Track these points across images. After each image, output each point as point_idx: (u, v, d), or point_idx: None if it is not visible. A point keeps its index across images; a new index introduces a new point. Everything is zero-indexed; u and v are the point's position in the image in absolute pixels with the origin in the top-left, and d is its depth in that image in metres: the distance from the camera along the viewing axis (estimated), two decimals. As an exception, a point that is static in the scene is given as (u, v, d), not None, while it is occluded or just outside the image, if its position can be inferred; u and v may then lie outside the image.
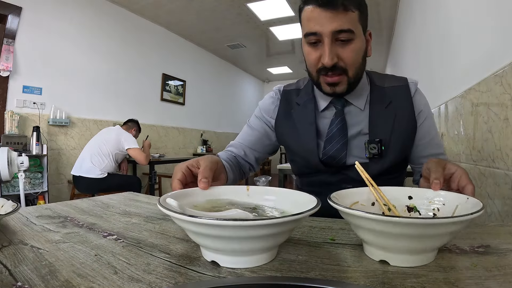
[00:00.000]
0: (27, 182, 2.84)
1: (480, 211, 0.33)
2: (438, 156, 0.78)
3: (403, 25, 3.64)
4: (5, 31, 2.86)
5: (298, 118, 0.82)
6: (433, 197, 0.46)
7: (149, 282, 0.32)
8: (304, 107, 0.81)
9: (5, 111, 2.87)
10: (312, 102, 0.81)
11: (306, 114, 0.80)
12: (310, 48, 0.69)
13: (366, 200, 0.47)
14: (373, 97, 0.78)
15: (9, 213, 0.47)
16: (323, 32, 0.65)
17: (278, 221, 0.32)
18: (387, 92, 0.78)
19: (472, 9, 1.34)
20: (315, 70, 0.70)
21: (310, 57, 0.70)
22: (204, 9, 4.16)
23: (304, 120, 0.80)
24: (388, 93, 0.78)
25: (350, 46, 0.66)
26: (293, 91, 0.86)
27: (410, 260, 0.35)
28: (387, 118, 0.76)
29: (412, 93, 0.79)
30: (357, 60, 0.69)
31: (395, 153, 0.75)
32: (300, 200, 0.43)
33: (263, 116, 0.88)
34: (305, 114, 0.81)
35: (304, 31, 0.68)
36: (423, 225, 0.32)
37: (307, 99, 0.82)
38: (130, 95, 4.19)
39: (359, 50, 0.69)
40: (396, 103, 0.77)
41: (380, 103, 0.77)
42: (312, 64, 0.70)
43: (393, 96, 0.78)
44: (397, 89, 0.79)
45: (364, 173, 0.48)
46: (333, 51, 0.66)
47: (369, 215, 0.32)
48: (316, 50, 0.68)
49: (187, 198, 0.47)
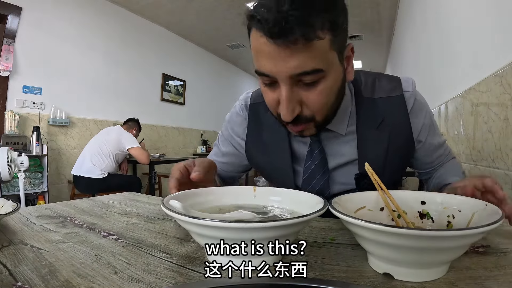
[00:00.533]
0: (27, 182, 2.84)
1: (499, 221, 0.29)
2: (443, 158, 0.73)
3: (403, 25, 3.64)
4: (5, 31, 2.86)
5: (269, 141, 0.69)
6: (448, 202, 0.42)
7: (149, 282, 0.32)
8: (276, 128, 0.66)
9: (5, 111, 2.87)
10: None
11: (278, 137, 0.67)
12: (265, 88, 0.53)
13: (374, 205, 0.43)
14: (361, 114, 0.63)
15: (9, 213, 0.47)
16: (277, 76, 0.48)
17: (284, 223, 0.31)
18: (378, 106, 0.63)
19: (472, 9, 1.34)
20: (275, 112, 0.55)
21: (266, 97, 0.54)
22: (204, 9, 4.16)
23: (277, 144, 0.68)
24: (379, 107, 0.63)
25: (317, 88, 0.49)
26: (261, 104, 0.69)
27: (418, 274, 0.32)
28: (379, 141, 0.62)
29: (409, 107, 0.63)
30: (328, 101, 0.53)
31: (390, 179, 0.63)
32: (306, 201, 0.43)
33: (233, 138, 0.76)
34: (277, 136, 0.67)
35: (255, 63, 0.51)
36: (432, 237, 0.28)
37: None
38: (130, 95, 4.19)
39: (332, 88, 0.52)
40: (389, 119, 0.62)
41: (370, 122, 0.63)
42: (270, 106, 0.55)
43: (385, 111, 0.63)
44: (390, 101, 0.63)
45: (373, 175, 0.45)
46: (294, 99, 0.50)
47: (371, 225, 0.29)
48: (272, 91, 0.52)
49: (192, 199, 0.46)
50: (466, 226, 0.37)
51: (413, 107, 0.64)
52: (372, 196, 0.44)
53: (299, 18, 0.43)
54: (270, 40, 0.44)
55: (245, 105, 0.74)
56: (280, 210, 0.46)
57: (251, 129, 0.73)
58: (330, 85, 0.51)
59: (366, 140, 0.62)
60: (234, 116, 0.76)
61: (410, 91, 0.64)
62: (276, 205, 0.48)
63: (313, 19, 0.44)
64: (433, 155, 0.71)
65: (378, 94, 0.64)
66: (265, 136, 0.70)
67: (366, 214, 0.42)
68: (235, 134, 0.75)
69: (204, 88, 5.82)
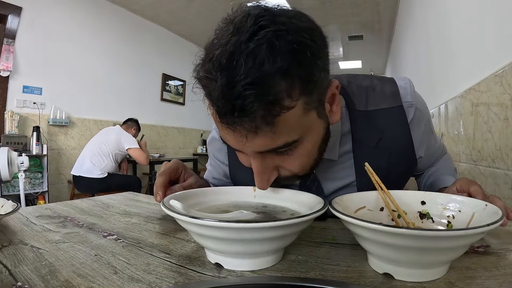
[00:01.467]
0: (27, 182, 2.84)
1: (499, 221, 0.29)
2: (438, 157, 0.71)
3: (403, 25, 3.64)
4: (5, 31, 2.86)
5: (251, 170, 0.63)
6: (448, 202, 0.42)
7: (149, 282, 0.32)
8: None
9: (5, 111, 2.87)
10: None
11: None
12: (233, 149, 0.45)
13: (374, 205, 0.43)
14: (355, 131, 0.55)
15: (9, 213, 0.47)
16: (244, 151, 0.42)
17: (284, 223, 0.31)
18: (373, 121, 0.55)
19: (472, 9, 1.34)
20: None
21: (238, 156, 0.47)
22: (204, 9, 4.16)
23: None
24: (375, 121, 0.55)
25: (294, 154, 0.42)
26: None
27: (418, 274, 0.32)
28: (379, 161, 0.53)
29: (409, 118, 0.55)
30: (310, 160, 0.45)
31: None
32: (306, 201, 0.43)
33: (217, 164, 0.70)
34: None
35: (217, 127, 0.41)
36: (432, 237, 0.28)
37: None
38: (130, 95, 4.19)
39: (313, 147, 0.44)
40: (388, 135, 0.54)
41: (367, 140, 0.55)
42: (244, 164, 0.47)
43: (383, 125, 0.55)
44: (387, 114, 0.55)
45: (373, 175, 0.44)
46: (268, 169, 0.43)
47: (371, 225, 0.29)
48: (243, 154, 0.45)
49: (192, 199, 0.46)
50: (466, 226, 0.37)
51: (413, 118, 0.56)
52: (372, 196, 0.44)
53: (255, 99, 0.33)
54: (224, 125, 0.37)
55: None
56: (280, 210, 0.46)
57: (231, 153, 0.64)
58: (309, 147, 0.43)
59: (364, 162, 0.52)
60: (214, 142, 0.69)
61: (409, 101, 0.56)
62: (276, 205, 0.48)
63: (274, 92, 0.34)
64: (430, 160, 0.69)
65: (373, 106, 0.55)
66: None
67: (366, 214, 0.42)
68: (218, 160, 0.69)
69: (204, 88, 5.81)
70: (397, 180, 0.57)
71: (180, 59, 5.17)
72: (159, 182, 0.53)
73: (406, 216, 0.42)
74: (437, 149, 0.69)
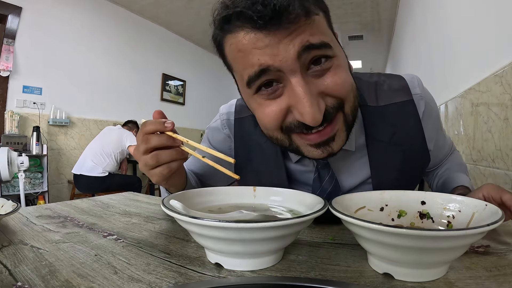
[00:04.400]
0: (27, 182, 2.85)
1: (499, 221, 0.29)
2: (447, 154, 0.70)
3: (403, 25, 3.64)
4: (5, 31, 2.86)
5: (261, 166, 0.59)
6: (448, 202, 0.42)
7: (149, 282, 0.32)
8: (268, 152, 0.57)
9: (5, 111, 2.87)
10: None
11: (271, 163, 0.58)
12: (263, 101, 0.43)
13: (374, 205, 0.43)
14: (370, 127, 0.54)
15: (9, 213, 0.47)
16: (284, 65, 0.39)
17: (284, 223, 0.31)
18: (386, 116, 0.54)
19: (472, 9, 1.34)
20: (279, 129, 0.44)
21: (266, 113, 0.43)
22: (204, 9, 4.16)
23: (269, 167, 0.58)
24: (387, 116, 0.54)
25: (331, 70, 0.41)
26: (247, 119, 0.60)
27: (418, 274, 0.32)
28: (393, 157, 0.53)
29: (421, 112, 0.55)
30: (349, 80, 0.44)
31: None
32: (306, 201, 0.43)
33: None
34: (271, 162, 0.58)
35: (244, 71, 0.41)
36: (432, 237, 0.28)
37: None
38: (130, 95, 4.19)
39: (346, 68, 0.44)
40: (401, 129, 0.54)
41: (380, 135, 0.54)
42: (271, 124, 0.44)
43: (395, 120, 0.54)
44: (399, 108, 0.54)
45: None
46: (314, 91, 0.40)
47: (371, 225, 0.29)
48: (275, 102, 0.42)
49: (192, 199, 0.46)
50: (466, 226, 0.37)
51: (424, 112, 0.55)
52: (372, 196, 0.44)
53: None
54: (265, 30, 0.37)
55: (227, 121, 0.64)
56: (280, 210, 0.46)
57: (237, 150, 0.61)
58: (342, 65, 0.43)
59: (379, 158, 0.53)
60: (216, 133, 0.66)
61: (419, 94, 0.55)
62: (276, 205, 0.48)
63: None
64: (439, 156, 0.67)
65: (384, 101, 0.54)
66: (254, 157, 0.59)
67: (366, 214, 0.42)
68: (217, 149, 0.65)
69: (204, 88, 5.82)
70: (412, 177, 0.57)
71: (180, 59, 5.17)
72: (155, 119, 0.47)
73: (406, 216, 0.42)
74: (445, 144, 0.68)
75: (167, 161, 0.46)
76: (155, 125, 0.45)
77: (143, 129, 0.45)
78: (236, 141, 0.62)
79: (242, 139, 0.61)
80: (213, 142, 0.67)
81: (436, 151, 0.63)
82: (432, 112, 0.58)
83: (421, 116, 0.55)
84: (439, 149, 0.65)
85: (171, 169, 0.46)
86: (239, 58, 0.41)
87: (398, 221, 0.42)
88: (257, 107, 0.45)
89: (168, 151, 0.45)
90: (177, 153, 0.46)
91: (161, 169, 0.46)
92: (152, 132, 0.45)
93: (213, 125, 0.67)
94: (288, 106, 0.42)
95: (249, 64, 0.40)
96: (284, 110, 0.42)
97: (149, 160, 0.45)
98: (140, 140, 0.46)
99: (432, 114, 0.58)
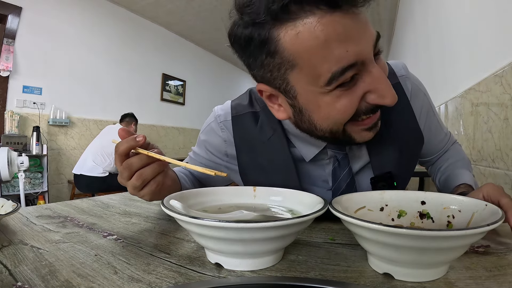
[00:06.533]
0: (27, 182, 2.85)
1: (499, 221, 0.29)
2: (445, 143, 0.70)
3: (403, 26, 3.64)
4: (5, 31, 2.86)
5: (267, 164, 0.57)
6: (448, 202, 0.42)
7: (149, 282, 0.32)
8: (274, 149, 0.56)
9: (5, 111, 2.87)
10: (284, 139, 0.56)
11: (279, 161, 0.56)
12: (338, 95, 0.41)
13: (374, 205, 0.43)
14: None
15: (9, 213, 0.47)
16: (364, 54, 0.38)
17: (284, 223, 0.31)
18: None
19: (472, 9, 1.34)
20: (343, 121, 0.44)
21: (343, 104, 0.41)
22: (204, 9, 4.16)
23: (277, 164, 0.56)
24: None
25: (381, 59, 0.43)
26: (245, 117, 0.59)
27: (418, 274, 0.32)
28: (388, 140, 0.54)
29: (409, 93, 0.57)
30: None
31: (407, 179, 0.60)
32: (306, 201, 0.43)
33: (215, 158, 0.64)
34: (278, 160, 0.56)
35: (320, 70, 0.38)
36: (432, 237, 0.28)
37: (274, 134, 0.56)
38: (130, 95, 4.20)
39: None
40: (393, 112, 0.54)
41: None
42: (348, 114, 0.43)
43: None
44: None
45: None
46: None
47: (371, 225, 0.29)
48: (348, 94, 0.41)
49: (192, 199, 0.46)
50: (466, 226, 0.37)
51: (412, 91, 0.58)
52: (372, 196, 0.44)
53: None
54: (340, 12, 0.35)
55: (224, 122, 0.61)
56: (280, 210, 0.46)
57: (239, 147, 0.60)
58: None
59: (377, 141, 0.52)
60: (212, 136, 0.63)
61: (404, 75, 0.58)
62: (276, 205, 0.48)
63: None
64: (434, 141, 0.67)
65: None
66: (259, 159, 0.58)
67: (366, 214, 0.42)
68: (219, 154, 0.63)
69: (204, 88, 5.82)
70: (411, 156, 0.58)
71: (180, 59, 5.17)
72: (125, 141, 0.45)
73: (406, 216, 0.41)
74: (440, 131, 0.68)
75: (152, 176, 0.46)
76: (128, 143, 0.44)
77: (117, 151, 0.45)
78: (236, 140, 0.60)
79: (242, 138, 0.59)
80: (211, 146, 0.64)
81: (429, 133, 0.64)
82: (419, 92, 0.60)
83: (409, 97, 0.57)
84: (431, 132, 0.65)
85: (158, 183, 0.48)
86: (314, 49, 0.37)
87: (398, 221, 0.42)
88: (330, 103, 0.42)
89: (149, 167, 0.46)
90: (158, 166, 0.47)
91: (149, 186, 0.47)
92: (127, 151, 0.45)
93: (208, 128, 0.64)
94: (365, 92, 0.41)
95: (332, 56, 0.37)
96: (360, 98, 0.42)
97: (135, 181, 0.46)
98: (121, 167, 0.45)
99: (419, 94, 0.60)
